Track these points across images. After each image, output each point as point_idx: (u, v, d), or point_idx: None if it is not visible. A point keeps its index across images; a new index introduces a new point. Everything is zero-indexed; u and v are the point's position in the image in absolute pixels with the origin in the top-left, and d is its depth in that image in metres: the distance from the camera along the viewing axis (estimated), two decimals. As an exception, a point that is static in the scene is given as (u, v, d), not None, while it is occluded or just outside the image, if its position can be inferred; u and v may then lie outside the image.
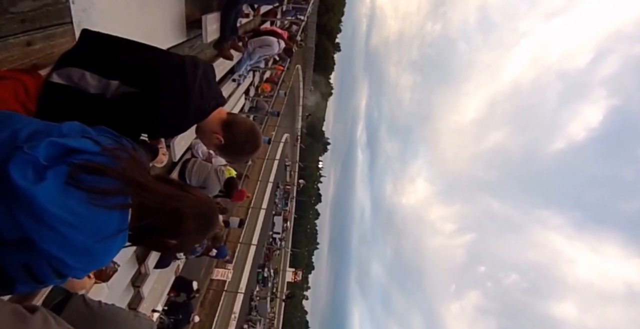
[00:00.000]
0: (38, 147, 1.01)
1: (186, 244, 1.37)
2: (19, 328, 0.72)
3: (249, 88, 11.60)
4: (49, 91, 1.59)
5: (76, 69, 1.59)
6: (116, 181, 1.07)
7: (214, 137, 1.86)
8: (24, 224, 0.95)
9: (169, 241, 1.28)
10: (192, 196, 1.28)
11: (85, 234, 1.00)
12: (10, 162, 0.96)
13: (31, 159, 0.98)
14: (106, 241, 1.05)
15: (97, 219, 1.02)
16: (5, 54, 1.95)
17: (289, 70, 23.64)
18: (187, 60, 1.70)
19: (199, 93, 1.69)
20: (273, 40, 6.94)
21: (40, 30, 2.15)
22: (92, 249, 1.04)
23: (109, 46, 1.69)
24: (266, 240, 43.60)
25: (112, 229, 1.06)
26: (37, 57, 2.15)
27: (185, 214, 1.24)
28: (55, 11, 2.23)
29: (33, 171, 0.97)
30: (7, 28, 1.95)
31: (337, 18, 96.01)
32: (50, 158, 1.01)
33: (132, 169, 1.15)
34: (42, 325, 0.76)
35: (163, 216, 1.20)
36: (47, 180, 0.97)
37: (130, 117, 1.60)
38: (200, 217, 1.29)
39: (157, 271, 6.17)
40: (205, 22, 4.43)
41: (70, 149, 1.06)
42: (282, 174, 51.94)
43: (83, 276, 1.16)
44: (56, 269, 1.03)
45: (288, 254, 66.07)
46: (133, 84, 1.59)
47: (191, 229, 1.28)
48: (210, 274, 15.86)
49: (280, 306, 58.13)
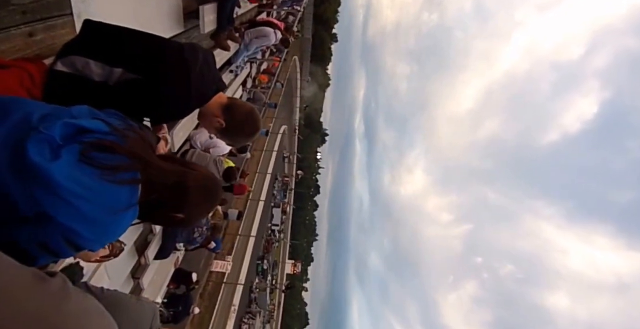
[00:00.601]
0: (53, 127, 1.07)
1: (192, 217, 1.42)
2: (40, 287, 0.77)
3: (246, 79, 11.60)
4: (54, 78, 1.63)
5: (80, 57, 1.63)
6: (125, 158, 1.13)
7: (215, 121, 1.92)
8: (40, 199, 1.01)
9: (175, 215, 1.34)
10: (195, 171, 1.35)
11: (98, 207, 1.06)
12: (28, 141, 1.01)
13: (47, 138, 1.04)
14: (118, 214, 1.11)
15: (108, 193, 1.08)
16: (8, 45, 1.99)
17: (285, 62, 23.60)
18: (186, 46, 1.75)
19: (200, 78, 1.73)
20: (270, 31, 6.95)
21: (41, 21, 2.19)
22: (105, 222, 1.10)
23: (111, 35, 1.73)
24: (265, 232, 43.69)
25: (123, 203, 1.12)
26: (38, 47, 2.18)
27: (189, 187, 1.30)
28: (55, 3, 2.26)
29: (49, 149, 1.03)
30: (9, 19, 1.98)
31: (333, 8, 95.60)
32: (65, 137, 1.07)
33: (139, 147, 1.21)
34: (62, 285, 0.81)
35: (168, 190, 1.26)
36: (62, 157, 1.02)
37: (134, 103, 1.64)
38: (204, 191, 1.35)
39: (157, 262, 6.22)
40: (202, 12, 4.44)
41: (82, 129, 1.12)
42: (280, 166, 51.92)
43: (98, 248, 1.22)
44: (72, 241, 1.08)
45: (287, 246, 66.22)
46: (136, 71, 1.63)
47: (196, 202, 1.34)
48: (210, 266, 15.92)
49: (280, 298, 58.41)
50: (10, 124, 1.08)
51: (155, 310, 2.38)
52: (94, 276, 3.59)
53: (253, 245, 28.19)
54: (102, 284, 3.72)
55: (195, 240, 6.57)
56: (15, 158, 1.01)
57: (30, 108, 1.17)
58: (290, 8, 14.57)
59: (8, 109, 1.14)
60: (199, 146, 5.91)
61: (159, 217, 1.37)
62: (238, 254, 23.14)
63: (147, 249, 5.68)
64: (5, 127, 1.07)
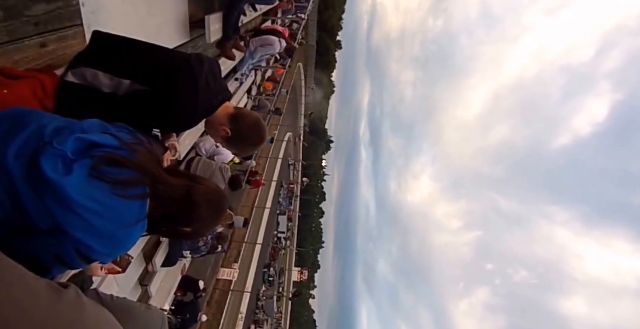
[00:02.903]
0: (66, 142, 1.11)
1: (199, 231, 1.45)
2: (55, 299, 0.79)
3: (251, 87, 11.65)
4: (65, 89, 1.67)
5: (89, 69, 1.67)
6: (134, 173, 1.17)
7: (222, 130, 1.96)
8: (54, 213, 1.05)
9: (183, 229, 1.37)
10: (202, 185, 1.37)
11: (110, 221, 1.10)
12: (41, 156, 1.05)
13: (60, 154, 1.08)
14: (128, 228, 1.15)
15: (119, 208, 1.12)
16: (21, 56, 2.03)
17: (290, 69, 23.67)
18: (193, 57, 1.78)
19: (206, 88, 1.76)
20: (274, 40, 6.99)
21: (54, 32, 2.24)
22: (116, 236, 1.14)
23: (119, 47, 1.77)
24: (271, 240, 43.56)
25: (133, 218, 1.15)
26: (51, 58, 2.23)
27: (196, 202, 1.32)
28: (67, 14, 2.31)
29: (62, 165, 1.07)
30: (23, 31, 2.03)
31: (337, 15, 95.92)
32: (76, 152, 1.11)
33: (148, 162, 1.24)
34: (76, 296, 0.83)
35: (176, 205, 1.29)
36: (74, 173, 1.06)
37: (142, 114, 1.68)
38: (210, 205, 1.38)
39: (165, 270, 6.24)
40: (209, 22, 4.49)
41: (93, 143, 1.16)
42: (286, 173, 51.86)
43: (108, 261, 1.25)
44: (84, 254, 1.13)
45: (294, 254, 65.99)
46: (144, 83, 1.66)
47: (203, 216, 1.37)
48: (217, 274, 15.88)
49: (287, 306, 58.15)
50: (25, 137, 1.12)
51: (165, 318, 2.41)
52: (103, 284, 3.63)
53: (260, 253, 28.09)
54: (111, 291, 3.75)
55: (200, 249, 6.59)
56: (29, 172, 1.05)
57: (45, 120, 1.21)
58: (295, 16, 14.64)
59: (23, 121, 1.18)
60: (204, 154, 5.95)
61: (166, 231, 1.40)
62: (245, 262, 23.05)
63: (154, 257, 5.71)
64: (20, 139, 1.10)
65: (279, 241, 50.66)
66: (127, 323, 2.17)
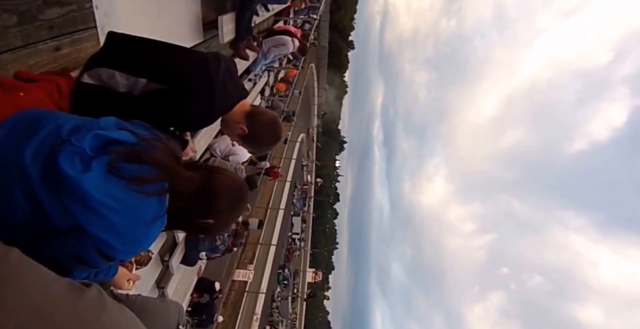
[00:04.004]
0: (84, 139, 1.09)
1: (221, 222, 1.42)
2: (77, 298, 0.77)
3: (264, 88, 11.67)
4: (81, 90, 1.66)
5: (105, 69, 1.65)
6: (152, 168, 1.15)
7: (238, 128, 1.95)
8: (73, 211, 1.03)
9: (204, 221, 1.35)
10: (221, 174, 1.35)
11: (128, 218, 1.08)
12: (60, 154, 1.04)
13: (79, 151, 1.07)
14: (147, 225, 1.14)
15: (137, 204, 1.10)
16: (36, 59, 2.03)
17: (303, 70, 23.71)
18: (209, 56, 1.76)
19: (223, 86, 1.75)
20: (287, 40, 6.98)
21: (67, 35, 2.23)
22: (135, 233, 1.12)
23: (135, 46, 1.76)
24: (285, 241, 43.66)
25: (152, 214, 1.14)
26: (65, 61, 2.23)
27: (216, 191, 1.31)
28: (80, 17, 2.31)
29: (80, 161, 1.06)
30: (37, 35, 2.03)
31: (349, 16, 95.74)
32: (95, 149, 1.10)
33: (165, 157, 1.22)
34: (99, 295, 0.82)
35: (195, 197, 1.27)
36: (93, 169, 1.05)
37: (158, 113, 1.66)
38: (230, 195, 1.36)
39: (181, 272, 6.26)
40: (221, 22, 4.49)
41: (111, 140, 1.15)
42: (299, 174, 51.92)
43: (129, 259, 1.24)
44: (104, 252, 1.11)
45: (308, 255, 66.02)
46: (160, 81, 1.65)
47: (223, 207, 1.35)
48: (232, 275, 15.96)
49: (302, 307, 58.19)
50: (42, 136, 1.11)
51: (181, 308, 2.42)
52: (120, 285, 3.64)
53: (274, 254, 28.17)
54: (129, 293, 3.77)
55: (218, 248, 6.59)
56: (47, 170, 1.04)
57: (61, 120, 1.20)
58: (307, 16, 14.63)
59: (40, 122, 1.17)
60: (218, 154, 5.96)
61: (187, 225, 1.39)
62: (259, 263, 23.15)
63: (171, 259, 5.73)
64: (37, 139, 1.10)
65: (293, 242, 50.69)
66: (146, 318, 2.18)
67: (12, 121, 1.18)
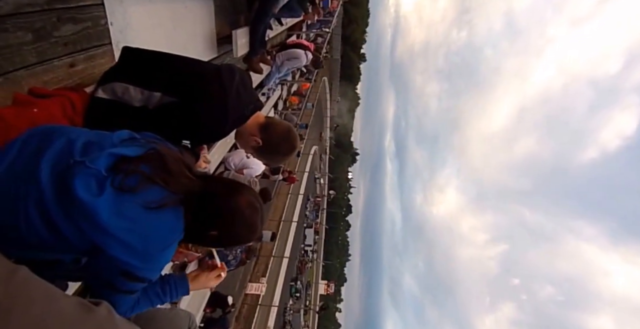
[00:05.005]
0: (99, 159, 1.09)
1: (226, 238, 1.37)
2: (85, 317, 0.75)
3: (278, 101, 11.74)
4: (95, 105, 1.66)
5: (120, 83, 1.66)
6: (165, 184, 1.15)
7: (252, 140, 1.92)
8: (90, 234, 1.04)
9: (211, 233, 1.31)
10: (240, 196, 1.32)
11: (145, 236, 1.09)
12: (75, 177, 1.03)
13: (94, 173, 1.07)
14: (165, 240, 1.14)
15: (153, 221, 1.10)
16: (51, 76, 2.03)
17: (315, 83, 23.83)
18: (223, 68, 1.76)
19: (237, 98, 1.73)
20: (300, 53, 7.00)
21: (82, 52, 2.24)
22: (153, 249, 1.12)
23: (149, 59, 1.76)
24: (298, 253, 43.56)
25: (168, 229, 1.14)
26: (80, 77, 2.23)
27: (233, 216, 1.29)
28: (95, 33, 2.32)
29: (95, 183, 1.05)
30: (52, 51, 2.03)
31: (361, 29, 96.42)
32: (109, 168, 1.10)
33: (178, 170, 1.22)
34: (108, 314, 0.79)
35: (211, 215, 1.26)
36: (106, 191, 1.05)
37: (173, 126, 1.65)
38: (246, 221, 1.33)
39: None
40: (235, 37, 4.49)
41: (125, 157, 1.14)
42: (312, 186, 51.97)
43: (155, 276, 1.22)
44: (129, 273, 1.12)
45: (320, 266, 65.72)
46: (174, 94, 1.64)
47: (239, 231, 1.33)
48: (245, 289, 15.91)
49: (314, 319, 57.76)
50: (54, 154, 1.10)
51: (191, 315, 2.39)
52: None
53: (286, 266, 28.07)
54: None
55: (230, 263, 6.55)
56: (62, 194, 1.04)
57: (72, 135, 1.20)
58: (319, 30, 14.74)
59: (51, 136, 1.17)
60: (232, 167, 5.95)
61: (194, 236, 1.33)
62: (272, 276, 23.06)
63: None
64: (48, 156, 1.09)
65: (305, 253, 50.54)
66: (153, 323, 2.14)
67: (25, 137, 1.18)
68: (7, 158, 1.10)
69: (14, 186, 1.05)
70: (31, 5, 1.89)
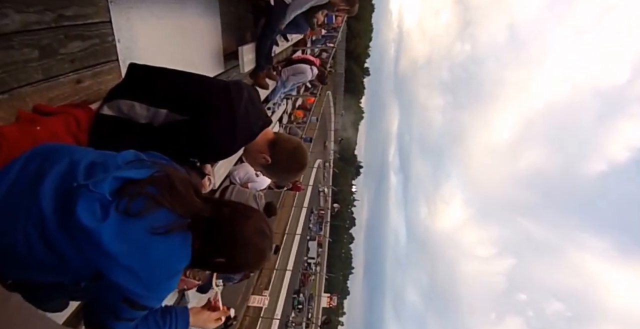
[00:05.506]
0: (103, 183, 1.06)
1: (236, 267, 1.34)
2: None
3: (283, 115, 11.77)
4: (100, 122, 1.64)
5: (125, 100, 1.64)
6: (171, 208, 1.11)
7: (260, 157, 1.87)
8: (94, 260, 1.01)
9: (218, 260, 1.26)
10: (247, 221, 1.26)
11: (150, 264, 1.05)
12: (77, 202, 1.00)
13: (98, 197, 1.03)
14: (170, 267, 1.10)
15: (159, 248, 1.06)
16: (57, 92, 2.03)
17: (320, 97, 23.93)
18: (231, 84, 1.73)
19: (245, 115, 1.70)
20: (306, 68, 7.03)
21: (89, 68, 2.24)
22: (159, 277, 1.08)
23: (155, 76, 1.74)
24: (301, 265, 43.37)
25: (175, 257, 1.10)
26: (86, 93, 2.23)
27: (239, 243, 1.24)
28: (102, 50, 2.32)
29: (100, 208, 1.02)
30: (58, 68, 2.03)
31: (365, 43, 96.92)
32: (114, 193, 1.06)
33: (185, 193, 1.18)
34: None
35: (213, 237, 1.21)
36: (110, 216, 1.01)
37: (180, 144, 1.63)
38: (254, 249, 1.28)
39: (196, 299, 6.18)
40: (242, 53, 4.51)
41: (130, 180, 1.11)
42: (316, 199, 51.88)
43: (157, 305, 1.19)
44: (132, 301, 1.07)
45: (323, 279, 65.31)
46: (181, 111, 1.62)
47: (245, 258, 1.28)
48: (247, 301, 15.79)
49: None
50: (56, 176, 1.07)
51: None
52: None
53: (289, 279, 27.92)
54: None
55: (234, 278, 6.51)
56: (64, 217, 1.01)
57: (77, 155, 1.17)
58: (324, 45, 14.81)
59: (54, 158, 1.14)
60: (238, 181, 5.93)
61: (199, 262, 1.27)
62: (275, 288, 22.94)
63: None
64: (51, 179, 1.06)
65: (308, 266, 50.32)
66: None
67: (27, 156, 1.15)
68: (8, 178, 1.08)
69: (15, 208, 1.02)
70: (38, 23, 1.89)
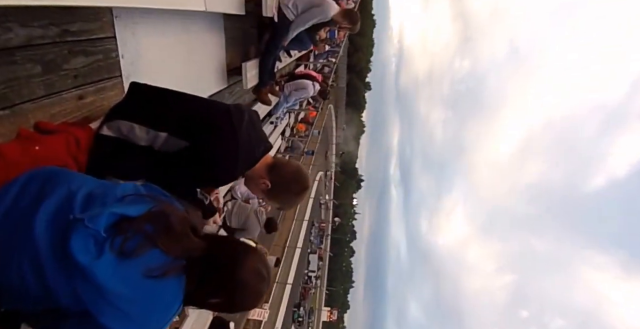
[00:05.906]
0: (99, 218, 1.02)
1: (232, 307, 1.30)
2: None
3: (285, 129, 11.81)
4: (100, 143, 1.61)
5: (125, 121, 1.61)
6: (167, 252, 1.07)
7: (261, 183, 1.83)
8: (84, 298, 0.96)
9: (214, 301, 1.22)
10: (246, 264, 1.21)
11: (143, 306, 1.01)
12: (71, 237, 0.97)
13: (92, 233, 0.99)
14: (163, 309, 1.06)
15: (154, 292, 1.02)
16: (59, 108, 2.02)
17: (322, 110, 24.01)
18: (232, 108, 1.71)
19: (247, 140, 1.68)
20: (308, 83, 7.05)
21: (92, 84, 2.23)
22: (149, 320, 1.04)
23: (156, 98, 1.71)
24: (302, 278, 43.08)
25: (168, 297, 1.06)
26: (88, 109, 2.21)
27: (237, 286, 1.19)
28: (105, 66, 2.31)
29: (94, 245, 0.98)
30: (61, 84, 2.02)
31: (366, 58, 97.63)
32: (109, 229, 1.02)
33: (181, 228, 1.14)
34: None
35: (210, 277, 1.16)
36: (105, 254, 0.97)
37: (180, 169, 1.61)
38: (252, 290, 1.23)
39: (196, 312, 6.13)
40: (245, 69, 4.53)
41: (127, 218, 1.07)
42: (317, 212, 51.72)
43: None
44: None
45: (324, 293, 64.83)
46: (181, 135, 1.60)
47: (241, 300, 1.23)
48: (247, 314, 15.64)
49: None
50: (52, 206, 1.04)
51: None
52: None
53: (290, 292, 27.72)
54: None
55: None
56: (58, 251, 0.97)
57: (74, 185, 1.13)
58: (326, 60, 14.87)
59: (52, 185, 1.11)
60: (239, 197, 5.90)
61: (195, 303, 1.22)
62: (275, 302, 22.74)
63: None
64: (46, 209, 1.03)
65: (309, 279, 49.98)
66: None
67: (24, 180, 1.12)
68: (3, 203, 1.05)
69: (9, 236, 0.99)
70: (42, 38, 1.88)
